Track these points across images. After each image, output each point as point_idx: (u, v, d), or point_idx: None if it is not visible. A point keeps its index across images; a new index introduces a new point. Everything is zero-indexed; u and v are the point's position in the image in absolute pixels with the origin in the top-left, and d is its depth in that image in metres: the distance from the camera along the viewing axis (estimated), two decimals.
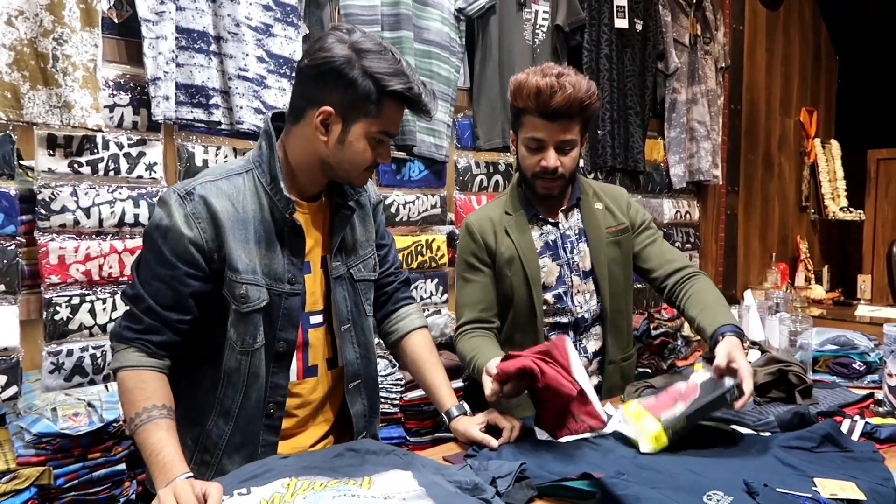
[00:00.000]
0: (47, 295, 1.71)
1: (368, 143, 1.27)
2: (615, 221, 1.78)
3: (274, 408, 1.33)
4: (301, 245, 1.32)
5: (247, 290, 1.25)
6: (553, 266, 1.74)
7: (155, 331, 1.22)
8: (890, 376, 1.63)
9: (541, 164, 1.65)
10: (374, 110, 1.24)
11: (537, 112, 1.61)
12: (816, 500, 1.09)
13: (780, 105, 4.53)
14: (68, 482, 1.64)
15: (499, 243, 1.73)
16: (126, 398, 1.21)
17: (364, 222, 1.46)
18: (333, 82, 1.22)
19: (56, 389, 1.75)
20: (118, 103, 1.82)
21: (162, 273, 1.22)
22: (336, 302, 1.38)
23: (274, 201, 1.28)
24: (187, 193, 1.23)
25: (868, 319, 3.42)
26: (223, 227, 1.23)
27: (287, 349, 1.32)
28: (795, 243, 4.71)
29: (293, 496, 1.09)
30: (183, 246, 1.21)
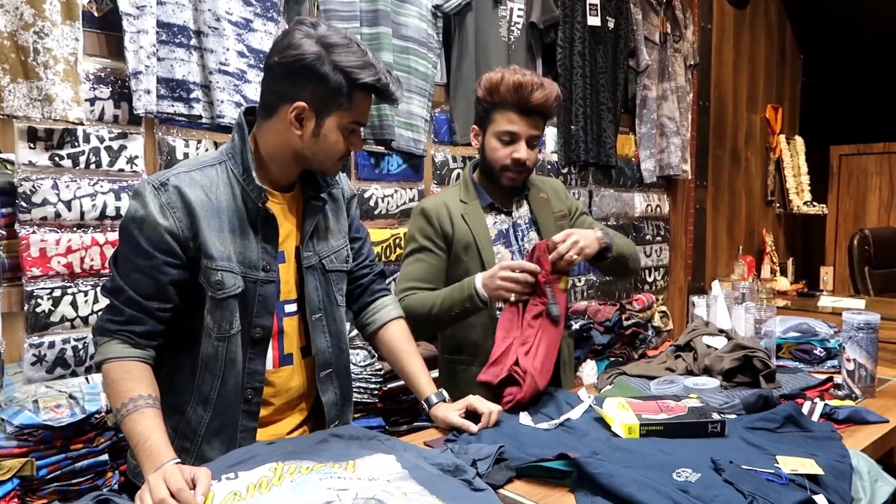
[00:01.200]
0: (29, 287, 1.71)
1: (341, 133, 1.31)
2: (557, 208, 1.93)
3: (252, 393, 1.35)
4: (274, 233, 1.35)
5: (222, 276, 1.27)
6: (506, 252, 1.83)
7: (137, 321, 1.24)
8: (848, 361, 1.71)
9: (513, 156, 1.75)
10: (346, 102, 1.28)
11: (515, 107, 1.72)
12: (778, 476, 1.16)
13: (746, 102, 4.64)
14: (51, 473, 1.64)
15: (455, 229, 1.80)
16: (112, 389, 1.23)
17: (337, 215, 1.49)
18: (305, 78, 1.26)
19: (38, 381, 1.75)
20: (99, 97, 1.82)
21: (140, 264, 1.24)
22: (308, 291, 1.41)
23: (247, 191, 1.30)
24: (161, 184, 1.25)
25: (830, 309, 3.52)
26: (197, 216, 1.25)
27: (263, 335, 1.35)
28: (761, 236, 4.83)
29: (280, 480, 1.12)
30: (159, 235, 1.23)
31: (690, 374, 1.78)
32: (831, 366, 1.92)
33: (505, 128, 1.74)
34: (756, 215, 4.83)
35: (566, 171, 3.20)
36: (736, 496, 1.08)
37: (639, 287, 3.73)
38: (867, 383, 1.71)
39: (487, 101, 1.76)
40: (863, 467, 1.27)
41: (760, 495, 1.08)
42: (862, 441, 1.42)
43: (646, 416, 1.39)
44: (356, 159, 2.42)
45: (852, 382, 1.70)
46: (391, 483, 1.13)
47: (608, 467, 1.15)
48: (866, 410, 1.54)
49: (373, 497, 1.06)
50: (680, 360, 1.86)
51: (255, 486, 1.11)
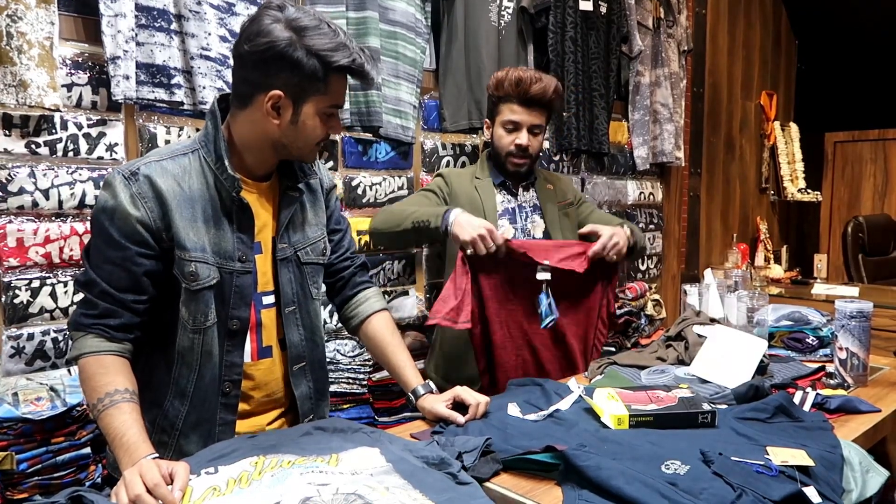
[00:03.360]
0: (6, 278, 1.68)
1: (320, 118, 1.29)
2: (562, 198, 2.18)
3: (229, 386, 1.33)
4: (250, 223, 1.32)
5: (196, 267, 1.25)
6: (509, 227, 2.07)
7: (112, 314, 1.22)
8: (840, 350, 1.69)
9: (515, 142, 2.03)
10: (323, 87, 1.25)
11: (517, 98, 2.00)
12: (768, 467, 1.14)
13: (741, 88, 4.60)
14: (31, 467, 1.61)
15: (465, 194, 2.07)
16: (88, 384, 1.20)
17: (315, 206, 1.46)
18: (278, 66, 1.22)
19: (17, 374, 1.72)
20: (76, 82, 1.78)
21: (113, 255, 1.21)
22: (282, 284, 1.38)
23: (220, 180, 1.28)
24: (132, 174, 1.22)
25: (824, 297, 3.52)
26: (169, 206, 1.22)
27: (240, 327, 1.32)
28: (755, 224, 4.81)
29: (261, 474, 1.10)
30: (131, 226, 1.21)
31: (681, 364, 1.76)
32: (823, 354, 1.91)
33: (508, 117, 2.03)
34: (750, 203, 4.81)
35: (558, 158, 3.17)
36: (725, 489, 1.07)
37: (632, 275, 3.71)
38: (859, 372, 1.69)
39: (495, 96, 2.05)
40: (854, 458, 1.26)
41: (750, 488, 1.06)
42: (853, 431, 1.40)
43: (635, 406, 1.37)
44: (343, 147, 2.38)
45: (844, 371, 1.69)
46: (374, 477, 1.11)
47: (595, 460, 1.13)
48: (858, 400, 1.52)
49: (354, 492, 1.04)
50: (671, 349, 1.84)
51: (234, 481, 1.08)
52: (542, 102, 2.01)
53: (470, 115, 2.70)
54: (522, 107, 2.01)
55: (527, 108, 2.01)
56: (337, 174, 2.37)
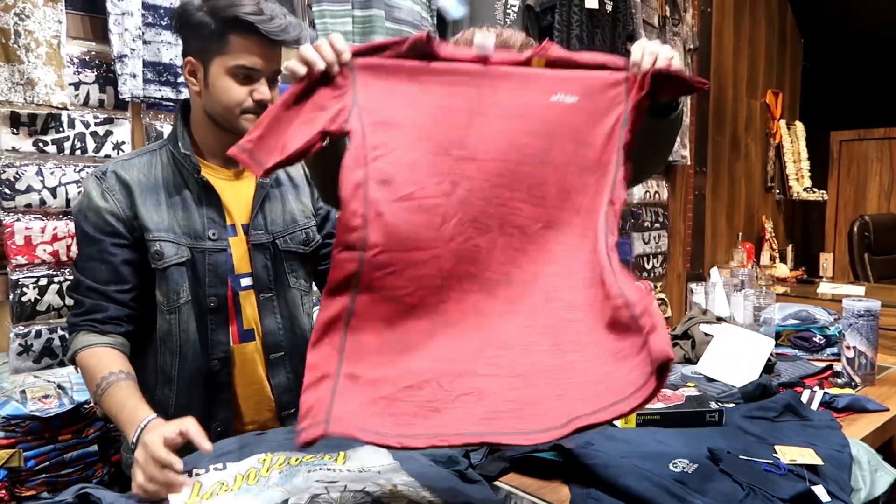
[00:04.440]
0: (14, 276, 1.68)
1: (232, 79, 1.28)
2: None
3: (218, 364, 1.35)
4: (216, 201, 1.35)
5: (161, 246, 1.29)
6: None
7: (97, 309, 1.27)
8: (848, 349, 1.69)
9: None
10: (224, 46, 1.26)
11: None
12: (777, 466, 1.14)
13: (746, 87, 4.59)
14: (39, 464, 1.62)
15: None
16: (87, 376, 1.25)
17: (298, 197, 1.48)
18: (186, 31, 1.29)
19: (25, 371, 1.72)
20: (83, 81, 1.78)
21: (91, 251, 1.28)
22: (256, 269, 1.39)
23: (183, 165, 1.32)
24: (102, 173, 1.30)
25: (830, 296, 3.50)
26: (134, 194, 1.29)
27: (218, 304, 1.34)
28: (761, 223, 4.80)
29: (269, 471, 1.10)
30: (103, 219, 1.27)
31: (688, 363, 1.76)
32: (831, 353, 1.90)
33: None
34: (756, 202, 4.80)
35: None
36: (733, 487, 1.06)
37: (637, 274, 3.71)
38: (867, 371, 1.68)
39: None
40: (862, 457, 1.25)
41: (758, 486, 1.06)
42: (862, 430, 1.40)
43: None
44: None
45: (852, 370, 1.68)
46: (382, 475, 1.11)
47: (603, 458, 1.13)
48: (866, 399, 1.52)
49: (362, 490, 1.04)
50: (677, 348, 1.84)
51: (242, 477, 1.09)
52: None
53: None
54: None
55: None
56: None
